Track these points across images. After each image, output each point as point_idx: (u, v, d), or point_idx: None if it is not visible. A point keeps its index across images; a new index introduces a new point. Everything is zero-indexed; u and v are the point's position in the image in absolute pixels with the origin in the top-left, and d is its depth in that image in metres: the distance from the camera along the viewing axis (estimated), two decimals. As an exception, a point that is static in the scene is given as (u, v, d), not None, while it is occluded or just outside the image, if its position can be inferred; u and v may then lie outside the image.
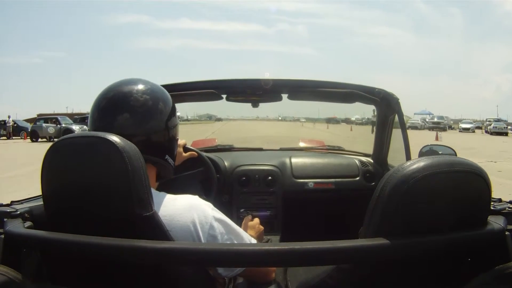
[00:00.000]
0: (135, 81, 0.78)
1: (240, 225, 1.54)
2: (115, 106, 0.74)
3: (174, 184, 1.11)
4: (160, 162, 0.78)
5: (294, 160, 1.76)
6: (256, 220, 1.17)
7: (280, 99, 1.55)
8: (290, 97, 1.55)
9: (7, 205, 0.77)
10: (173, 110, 0.81)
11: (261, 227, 1.15)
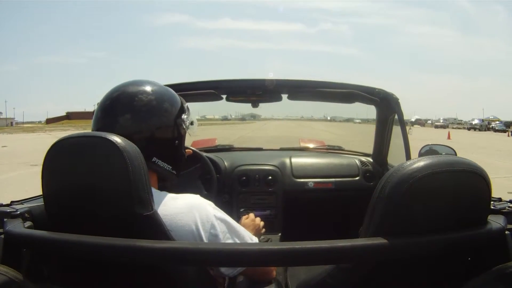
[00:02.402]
0: (141, 83, 0.78)
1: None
2: (118, 106, 0.74)
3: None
4: (157, 169, 0.77)
5: (294, 160, 1.76)
6: (251, 216, 1.16)
7: (280, 99, 1.55)
8: (290, 97, 1.55)
9: (7, 205, 0.77)
10: (181, 112, 0.80)
11: (257, 222, 1.14)
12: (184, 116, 0.81)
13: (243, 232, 0.79)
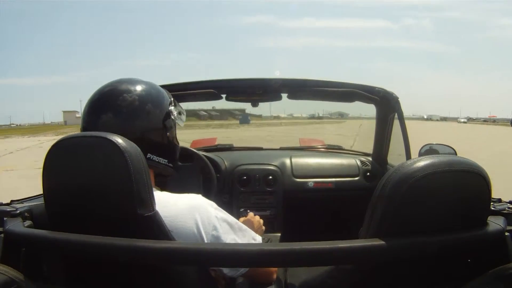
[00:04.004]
0: (130, 81, 0.79)
1: None
2: (104, 103, 0.75)
3: (174, 183, 1.10)
4: (153, 164, 0.78)
5: (294, 159, 1.76)
6: (250, 214, 1.14)
7: (280, 98, 1.55)
8: (289, 97, 1.54)
9: (7, 204, 0.77)
10: (168, 104, 0.81)
11: (257, 219, 1.11)
12: (171, 108, 0.82)
13: (246, 231, 0.79)
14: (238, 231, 0.76)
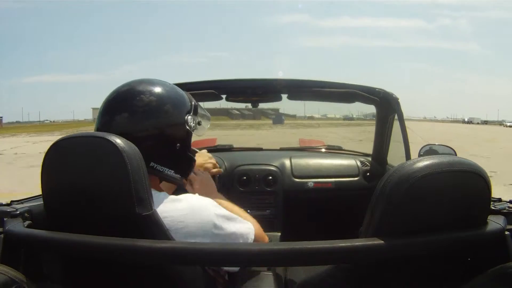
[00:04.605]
0: (151, 82, 0.77)
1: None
2: (121, 103, 0.74)
3: None
4: (157, 174, 0.75)
5: (294, 160, 1.77)
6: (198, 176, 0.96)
7: (280, 99, 1.55)
8: (290, 97, 1.55)
9: (7, 204, 0.77)
10: (185, 112, 0.77)
11: (206, 178, 0.97)
12: (189, 117, 0.78)
13: (240, 216, 0.79)
14: (235, 220, 0.77)
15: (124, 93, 0.76)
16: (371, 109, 1.63)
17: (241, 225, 0.77)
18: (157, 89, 0.76)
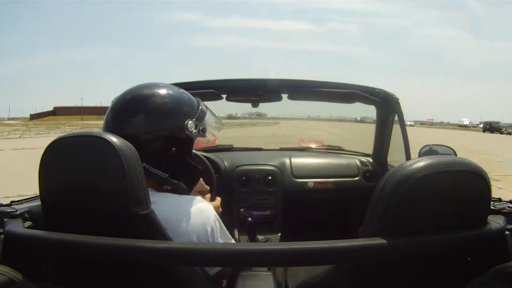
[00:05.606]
0: (154, 85, 0.78)
1: (237, 223, 1.54)
2: (129, 109, 0.75)
3: None
4: (151, 176, 0.75)
5: (294, 160, 1.77)
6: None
7: (280, 99, 1.55)
8: (290, 97, 1.55)
9: (7, 205, 0.77)
10: (186, 117, 0.77)
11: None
12: (189, 122, 0.77)
13: (226, 231, 0.81)
14: (224, 232, 0.79)
15: (124, 96, 0.77)
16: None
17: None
18: (161, 92, 0.77)
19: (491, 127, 37.02)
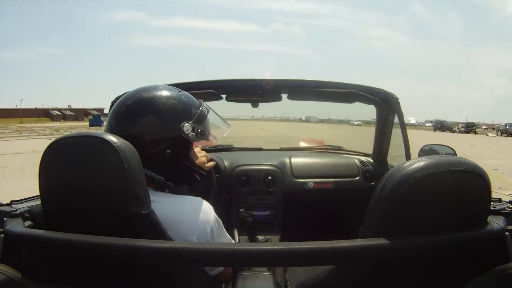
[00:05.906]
0: (153, 88, 0.78)
1: (237, 224, 1.54)
2: (133, 112, 0.75)
3: None
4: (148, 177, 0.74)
5: (294, 160, 1.76)
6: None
7: (280, 99, 1.55)
8: (290, 97, 1.55)
9: (7, 204, 0.77)
10: (183, 119, 0.76)
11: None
12: (186, 125, 0.75)
13: (225, 232, 0.82)
14: (223, 231, 0.81)
15: (123, 99, 0.78)
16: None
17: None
18: (161, 93, 0.77)
19: (442, 126, 37.41)
